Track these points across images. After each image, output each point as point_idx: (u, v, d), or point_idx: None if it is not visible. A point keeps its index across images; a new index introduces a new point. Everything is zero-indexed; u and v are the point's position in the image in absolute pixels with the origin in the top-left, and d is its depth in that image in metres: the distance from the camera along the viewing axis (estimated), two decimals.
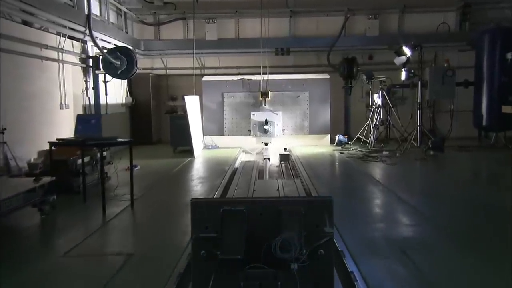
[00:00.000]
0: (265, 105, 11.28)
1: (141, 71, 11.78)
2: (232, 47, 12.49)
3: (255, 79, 11.32)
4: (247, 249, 2.07)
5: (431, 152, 9.15)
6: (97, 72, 9.30)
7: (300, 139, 11.43)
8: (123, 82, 11.39)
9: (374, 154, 9.45)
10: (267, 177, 7.89)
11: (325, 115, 11.51)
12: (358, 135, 11.37)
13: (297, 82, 11.53)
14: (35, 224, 4.85)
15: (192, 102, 10.23)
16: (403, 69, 10.50)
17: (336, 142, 11.08)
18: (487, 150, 10.13)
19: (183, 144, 10.24)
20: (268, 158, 9.43)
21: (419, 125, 10.49)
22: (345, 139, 11.15)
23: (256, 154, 10.60)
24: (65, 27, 8.02)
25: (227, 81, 11.54)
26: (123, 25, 11.95)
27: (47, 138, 6.21)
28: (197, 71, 11.95)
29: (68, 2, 8.41)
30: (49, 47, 7.71)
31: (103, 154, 5.68)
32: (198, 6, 11.20)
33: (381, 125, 11.03)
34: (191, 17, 11.51)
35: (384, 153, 9.56)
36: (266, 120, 10.82)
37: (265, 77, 11.10)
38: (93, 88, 9.47)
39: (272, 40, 11.80)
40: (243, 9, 12.38)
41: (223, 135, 11.54)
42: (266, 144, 11.00)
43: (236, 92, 11.50)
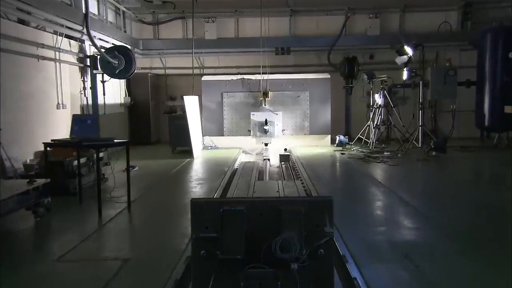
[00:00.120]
0: (265, 105, 11.19)
1: (140, 70, 11.70)
2: (232, 46, 12.42)
3: (255, 78, 11.23)
4: (247, 249, 2.08)
5: (433, 153, 9.04)
6: (95, 71, 9.19)
7: (300, 139, 11.33)
8: (121, 82, 11.31)
9: (376, 155, 9.35)
10: (267, 178, 7.78)
11: (325, 115, 11.42)
12: (359, 135, 11.25)
13: (297, 82, 11.44)
14: (29, 227, 4.74)
15: (191, 102, 10.14)
16: (405, 69, 10.41)
17: (336, 142, 10.97)
18: (489, 151, 10.04)
19: (182, 145, 10.15)
20: (268, 159, 9.32)
21: (421, 125, 10.39)
22: (346, 139, 11.05)
23: (256, 154, 10.50)
24: (62, 26, 7.93)
25: (226, 81, 11.44)
26: (121, 24, 11.87)
27: (43, 138, 6.09)
28: (197, 71, 11.88)
29: (65, 1, 8.32)
30: (45, 46, 7.60)
31: (99, 155, 5.57)
32: (198, 5, 11.11)
33: (382, 125, 10.93)
34: (190, 16, 11.41)
35: (385, 153, 9.46)
36: (266, 120, 10.74)
37: (265, 76, 11.01)
38: (90, 88, 9.38)
39: (272, 40, 11.72)
40: (243, 8, 12.30)
41: (222, 135, 11.44)
42: (266, 145, 10.92)
43: (236, 92, 11.40)
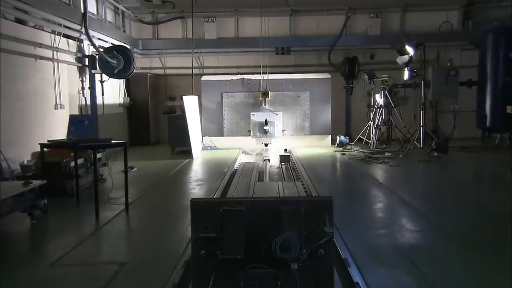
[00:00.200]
0: (265, 105, 11.11)
1: (139, 70, 11.63)
2: (232, 46, 12.35)
3: (255, 78, 11.16)
4: (247, 249, 2.07)
5: (435, 154, 8.95)
6: (93, 71, 9.12)
7: (300, 139, 11.25)
8: (120, 82, 11.24)
9: (376, 156, 9.27)
10: (267, 179, 7.69)
11: (326, 115, 11.35)
12: (359, 135, 11.16)
13: (297, 82, 11.36)
14: (25, 230, 4.66)
15: (190, 102, 10.07)
16: (406, 69, 10.34)
17: (337, 143, 10.89)
18: (491, 151, 9.96)
19: (182, 145, 10.08)
20: (268, 160, 9.24)
21: (422, 126, 10.31)
22: (347, 140, 10.97)
23: (256, 155, 10.42)
24: (61, 25, 7.87)
25: (226, 80, 11.37)
26: (120, 24, 11.79)
27: (41, 139, 5.98)
28: (196, 71, 11.79)
29: (63, 0, 8.23)
30: (43, 45, 7.53)
31: (97, 156, 5.49)
32: (197, 4, 11.04)
33: (383, 125, 10.85)
34: (189, 16, 11.34)
35: (386, 154, 9.38)
36: (266, 120, 10.65)
37: (265, 76, 10.93)
38: (89, 88, 9.30)
39: (272, 39, 11.65)
40: (243, 8, 12.23)
41: (222, 135, 11.36)
42: (266, 145, 10.83)
43: (236, 92, 11.33)
